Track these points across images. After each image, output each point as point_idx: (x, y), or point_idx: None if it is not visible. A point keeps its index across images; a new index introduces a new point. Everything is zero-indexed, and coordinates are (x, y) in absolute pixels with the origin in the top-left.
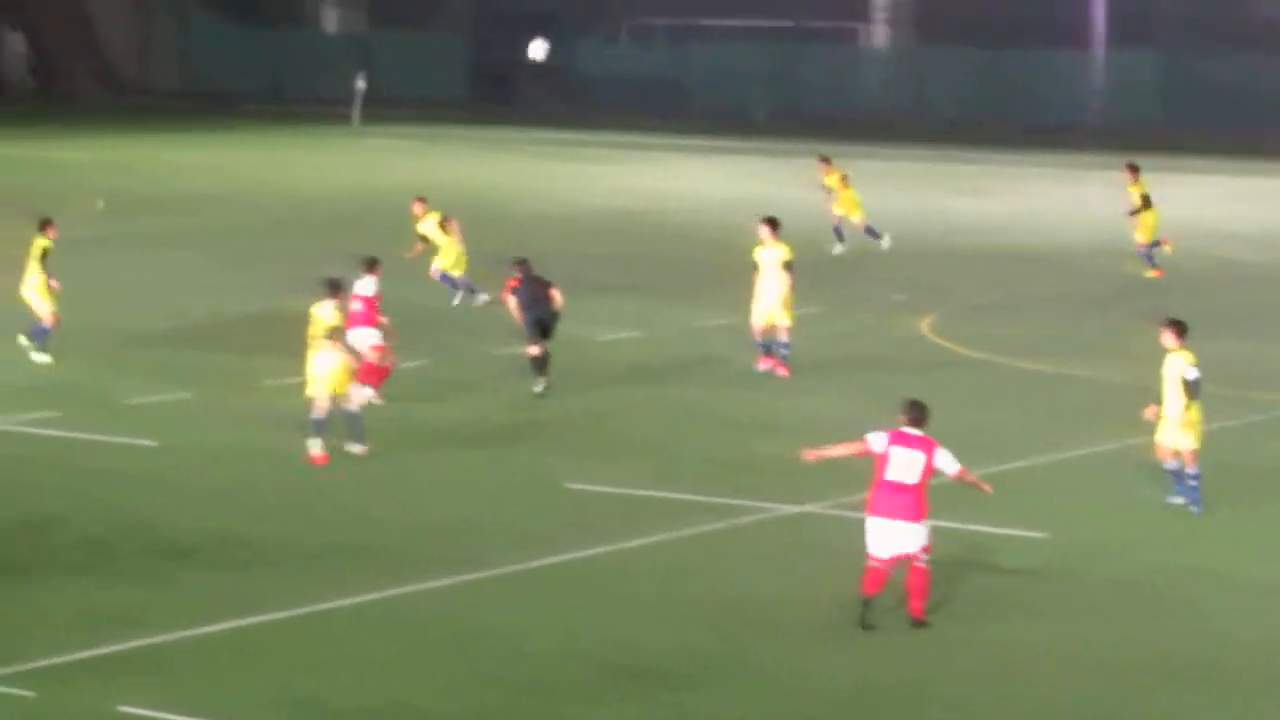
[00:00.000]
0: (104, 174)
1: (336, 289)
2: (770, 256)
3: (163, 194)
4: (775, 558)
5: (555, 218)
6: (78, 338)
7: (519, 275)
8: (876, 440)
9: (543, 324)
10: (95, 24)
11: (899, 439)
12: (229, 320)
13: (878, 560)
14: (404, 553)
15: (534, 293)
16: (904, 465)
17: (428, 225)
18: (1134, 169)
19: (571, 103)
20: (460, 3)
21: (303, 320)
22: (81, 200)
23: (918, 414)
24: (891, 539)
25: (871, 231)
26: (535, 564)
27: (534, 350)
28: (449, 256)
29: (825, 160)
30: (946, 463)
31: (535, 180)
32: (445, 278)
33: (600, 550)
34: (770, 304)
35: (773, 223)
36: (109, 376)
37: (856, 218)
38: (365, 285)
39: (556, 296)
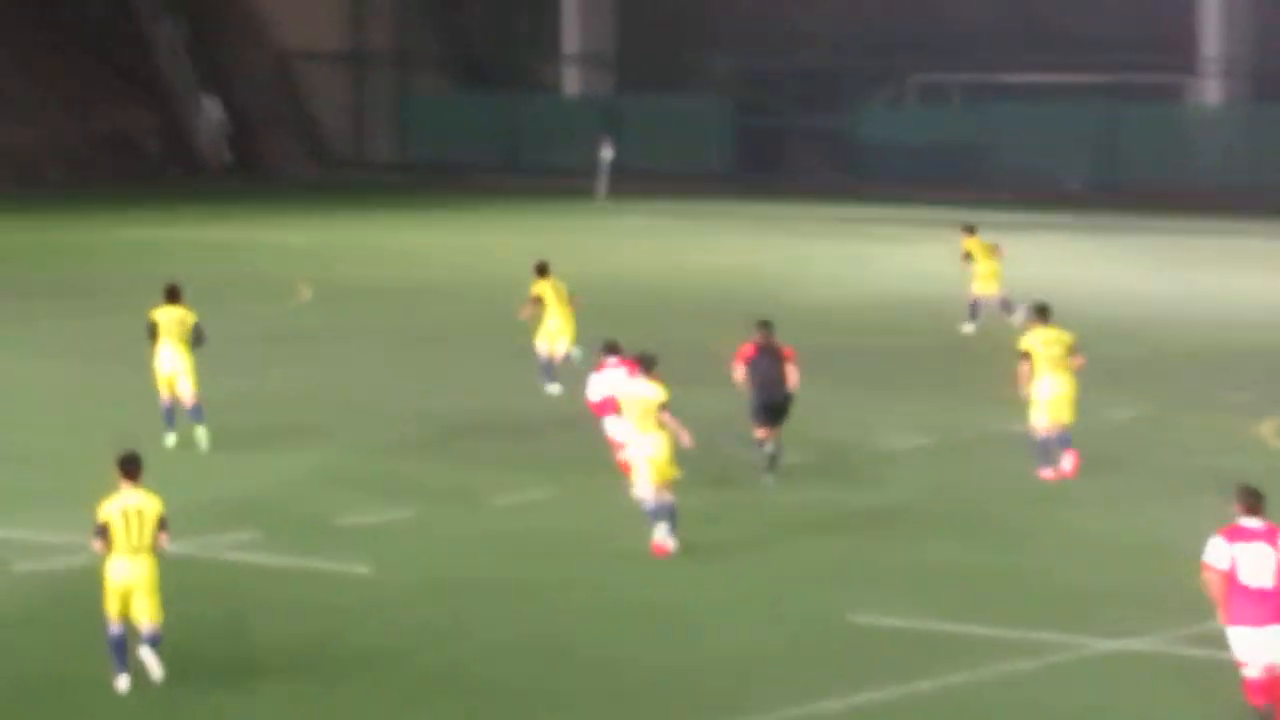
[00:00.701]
0: (312, 259)
1: (650, 364)
2: (1042, 343)
3: (379, 281)
4: (1096, 704)
5: (830, 305)
6: (281, 444)
7: (758, 341)
8: (1217, 554)
9: (774, 407)
10: (302, 90)
11: (1238, 534)
12: (455, 427)
13: (1255, 670)
14: (663, 692)
15: (769, 368)
16: (1255, 566)
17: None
18: None
19: (850, 173)
20: (720, 62)
21: (528, 425)
22: (285, 289)
23: (1254, 501)
24: (1263, 646)
25: (1006, 306)
26: (812, 708)
27: (761, 434)
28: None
29: (969, 230)
30: None
31: (807, 262)
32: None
33: (887, 693)
34: (1053, 398)
35: (1043, 311)
36: (317, 491)
37: (989, 291)
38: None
39: (793, 374)
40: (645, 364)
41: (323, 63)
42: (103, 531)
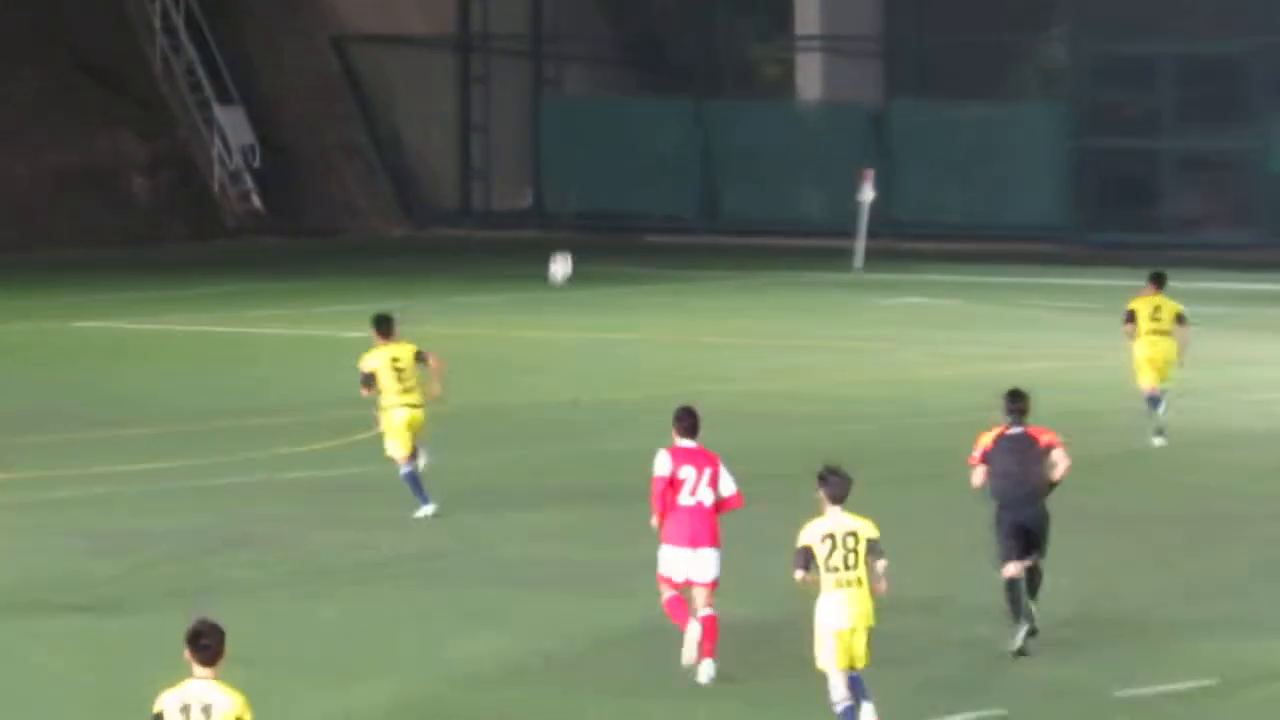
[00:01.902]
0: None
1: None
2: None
3: (489, 402)
4: None
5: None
6: None
7: (1008, 426)
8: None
9: (1026, 528)
10: (374, 96)
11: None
12: None
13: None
14: None
15: (1020, 465)
16: None
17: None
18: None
19: (1262, 224)
20: (1051, 50)
21: None
22: (353, 414)
23: None
24: None
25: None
26: None
27: (1011, 571)
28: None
29: (1156, 279)
30: None
31: (1236, 383)
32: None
33: None
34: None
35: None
36: None
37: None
38: None
39: (1060, 466)
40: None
41: (407, 53)
42: None
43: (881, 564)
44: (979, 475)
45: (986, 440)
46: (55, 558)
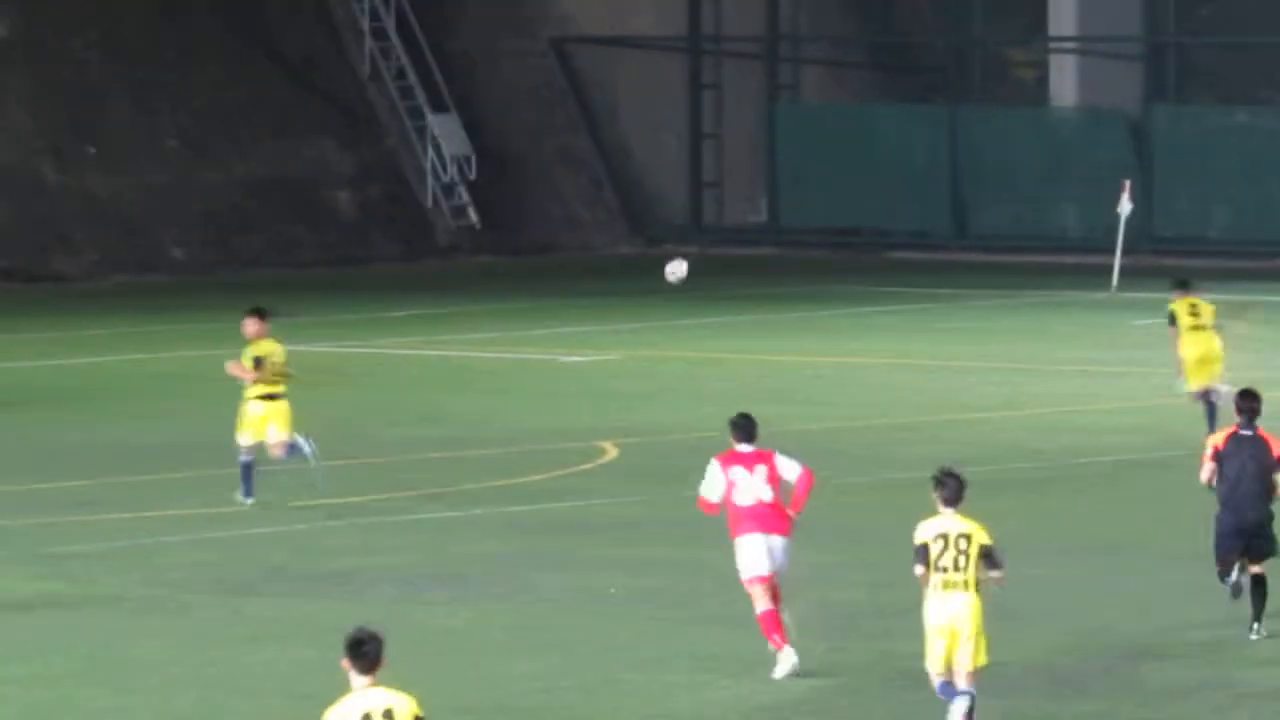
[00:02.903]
0: (621, 396)
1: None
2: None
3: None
4: None
5: None
6: None
7: (1239, 426)
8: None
9: (1251, 529)
10: (598, 103)
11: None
12: None
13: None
14: None
15: (1244, 467)
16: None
17: None
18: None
19: None
20: None
21: None
22: (580, 445)
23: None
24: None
25: (1209, 399)
26: None
27: (1233, 576)
28: None
29: (1181, 285)
30: None
31: None
32: None
33: None
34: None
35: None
36: None
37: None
38: None
39: None
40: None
41: (634, 57)
42: None
43: (996, 574)
44: (1210, 471)
45: (1218, 439)
46: (261, 598)
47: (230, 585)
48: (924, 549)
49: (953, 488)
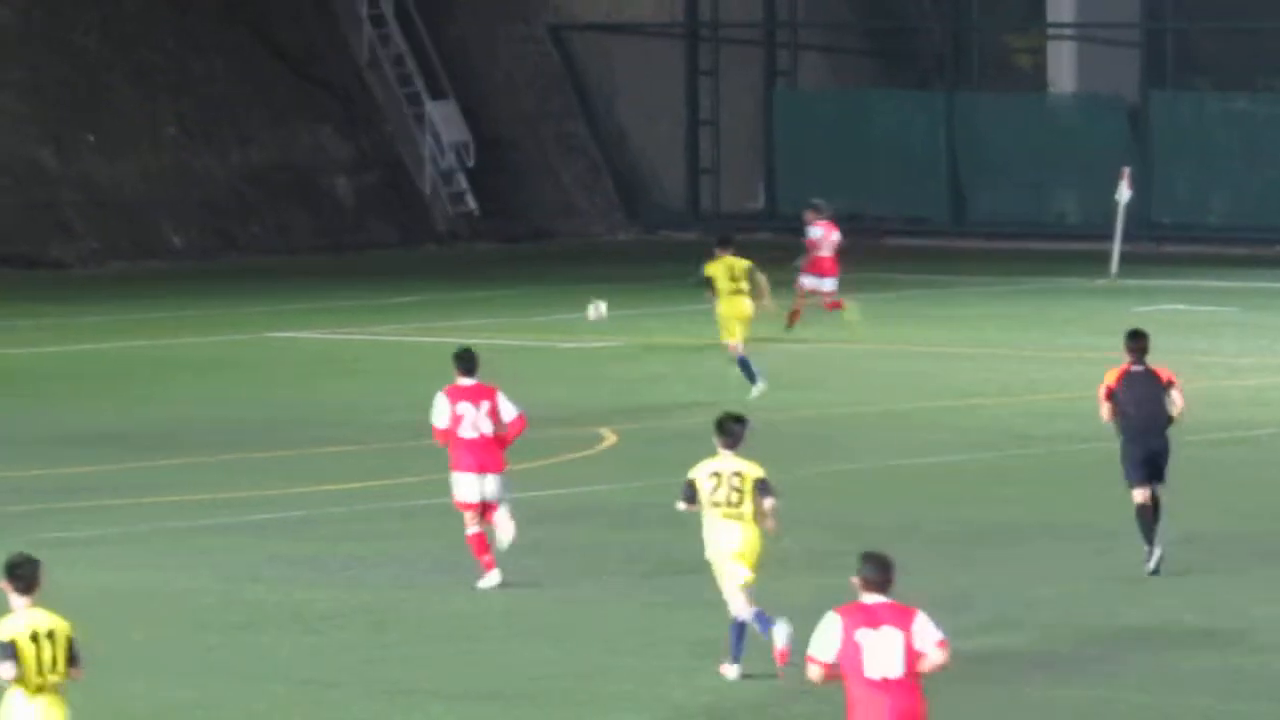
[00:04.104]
0: (618, 381)
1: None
2: None
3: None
4: None
5: None
6: None
7: (1130, 363)
8: None
9: (1153, 459)
10: (594, 89)
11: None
12: None
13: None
14: None
15: (1144, 401)
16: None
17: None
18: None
19: None
20: None
21: None
22: (580, 431)
23: None
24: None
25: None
26: None
27: (1140, 497)
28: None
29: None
30: None
31: None
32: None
33: None
34: None
35: None
36: None
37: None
38: None
39: (1177, 402)
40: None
41: (631, 43)
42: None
43: (770, 501)
44: (1108, 410)
45: (1111, 378)
46: (259, 584)
47: (229, 571)
48: (690, 485)
49: (734, 432)
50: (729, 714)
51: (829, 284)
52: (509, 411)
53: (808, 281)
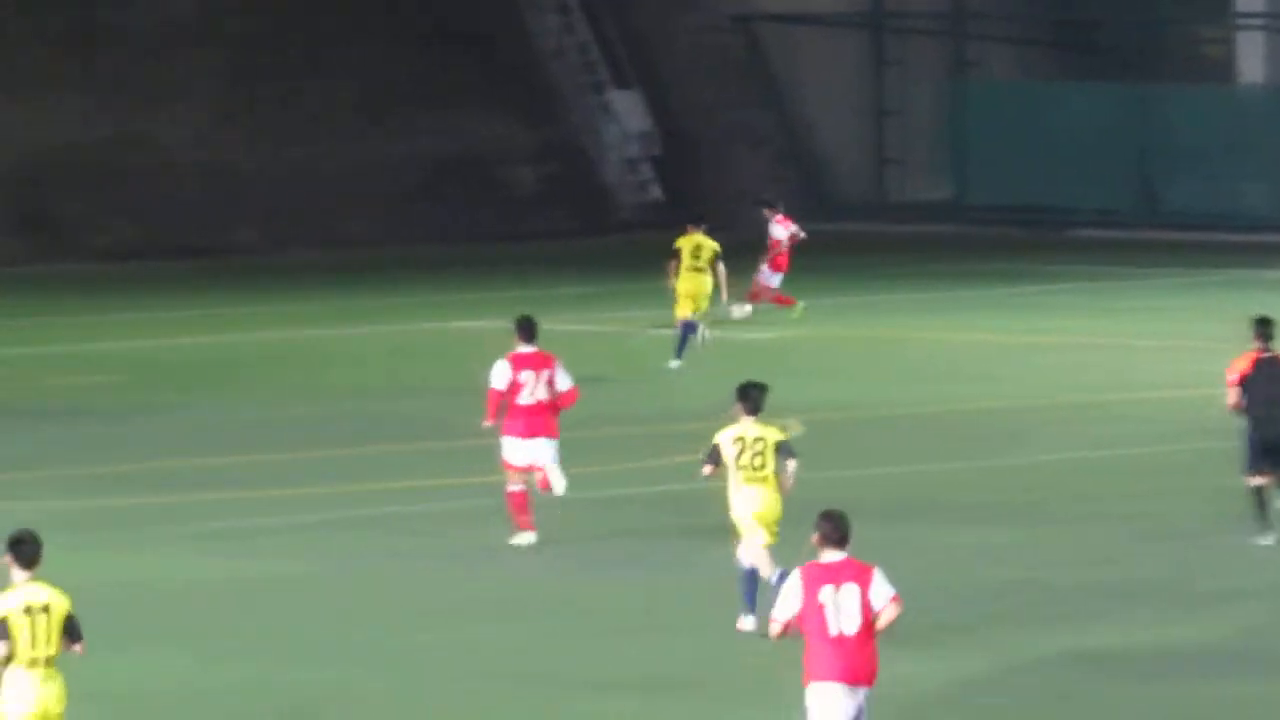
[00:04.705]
0: (802, 372)
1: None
2: None
3: (903, 407)
4: None
5: None
6: None
7: (1259, 351)
8: None
9: (1277, 445)
10: (780, 79)
11: None
12: None
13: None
14: None
15: (1272, 388)
16: None
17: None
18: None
19: None
20: None
21: None
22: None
23: None
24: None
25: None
26: None
27: (1256, 480)
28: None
29: (695, 220)
30: None
31: None
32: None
33: None
34: None
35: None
36: None
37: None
38: None
39: None
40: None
41: (816, 33)
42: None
43: (792, 464)
44: (1235, 395)
45: (1243, 364)
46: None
47: (402, 561)
48: (716, 450)
49: (755, 398)
50: (916, 706)
51: (779, 280)
52: (564, 382)
53: (769, 279)
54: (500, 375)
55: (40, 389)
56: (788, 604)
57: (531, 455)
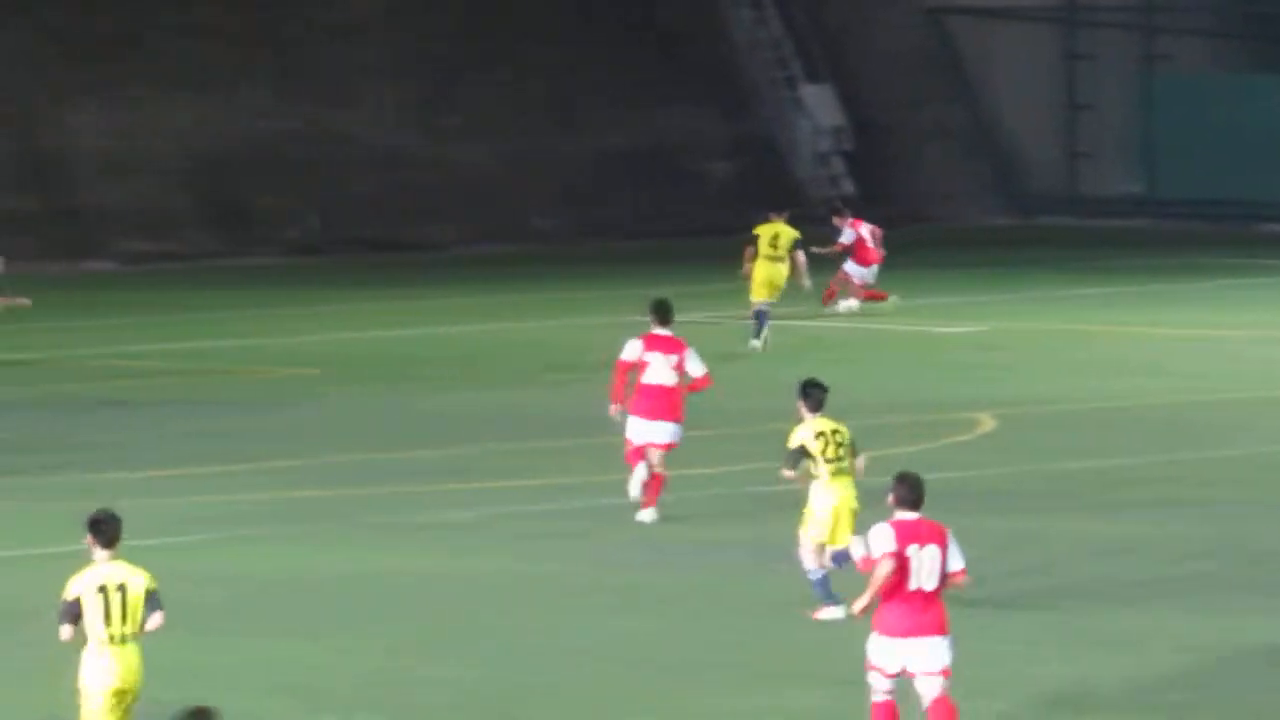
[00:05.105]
0: (993, 368)
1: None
2: None
3: (1093, 403)
4: None
5: None
6: None
7: None
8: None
9: None
10: (972, 74)
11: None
12: None
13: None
14: None
15: None
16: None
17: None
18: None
19: None
20: None
21: None
22: (956, 416)
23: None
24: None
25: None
26: None
27: None
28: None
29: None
30: None
31: None
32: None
33: None
34: None
35: None
36: None
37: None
38: None
39: None
40: None
41: (1007, 27)
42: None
43: (862, 460)
44: None
45: None
46: (619, 568)
47: (596, 555)
48: (801, 450)
49: (817, 396)
50: (1097, 702)
51: (870, 273)
52: (696, 368)
53: (857, 273)
54: (630, 349)
55: (235, 382)
56: (880, 544)
57: (650, 435)
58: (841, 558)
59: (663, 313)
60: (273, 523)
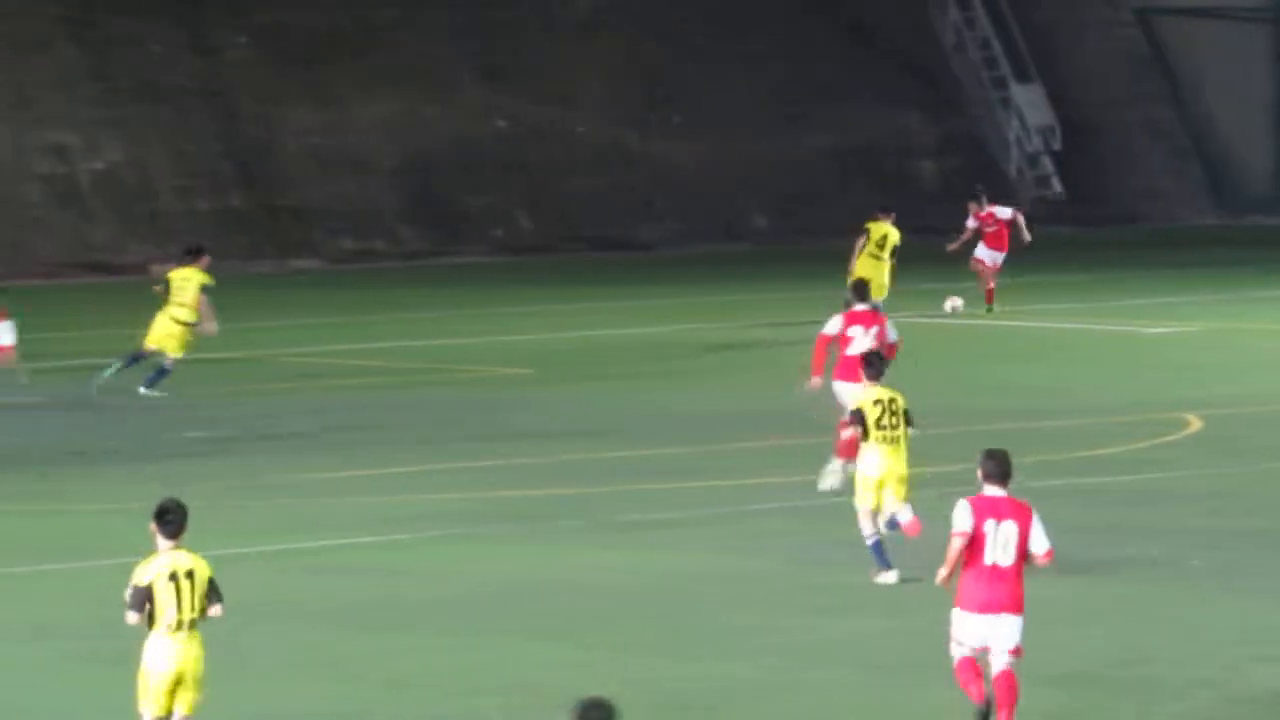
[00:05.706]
0: (1202, 367)
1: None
2: None
3: None
4: None
5: None
6: None
7: None
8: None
9: None
10: (1183, 75)
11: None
12: None
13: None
14: None
15: None
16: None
17: None
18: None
19: None
20: None
21: None
22: (1162, 416)
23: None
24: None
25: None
26: None
27: None
28: None
29: (884, 209)
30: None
31: None
32: None
33: None
34: None
35: None
36: None
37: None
38: None
39: None
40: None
41: (1218, 28)
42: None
43: (912, 430)
44: None
45: None
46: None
47: (803, 555)
48: (861, 413)
49: (877, 364)
50: None
51: (999, 258)
52: (892, 334)
53: (988, 256)
54: (832, 324)
55: (449, 381)
56: (957, 521)
57: (849, 395)
58: (893, 524)
59: (861, 290)
60: (476, 522)
